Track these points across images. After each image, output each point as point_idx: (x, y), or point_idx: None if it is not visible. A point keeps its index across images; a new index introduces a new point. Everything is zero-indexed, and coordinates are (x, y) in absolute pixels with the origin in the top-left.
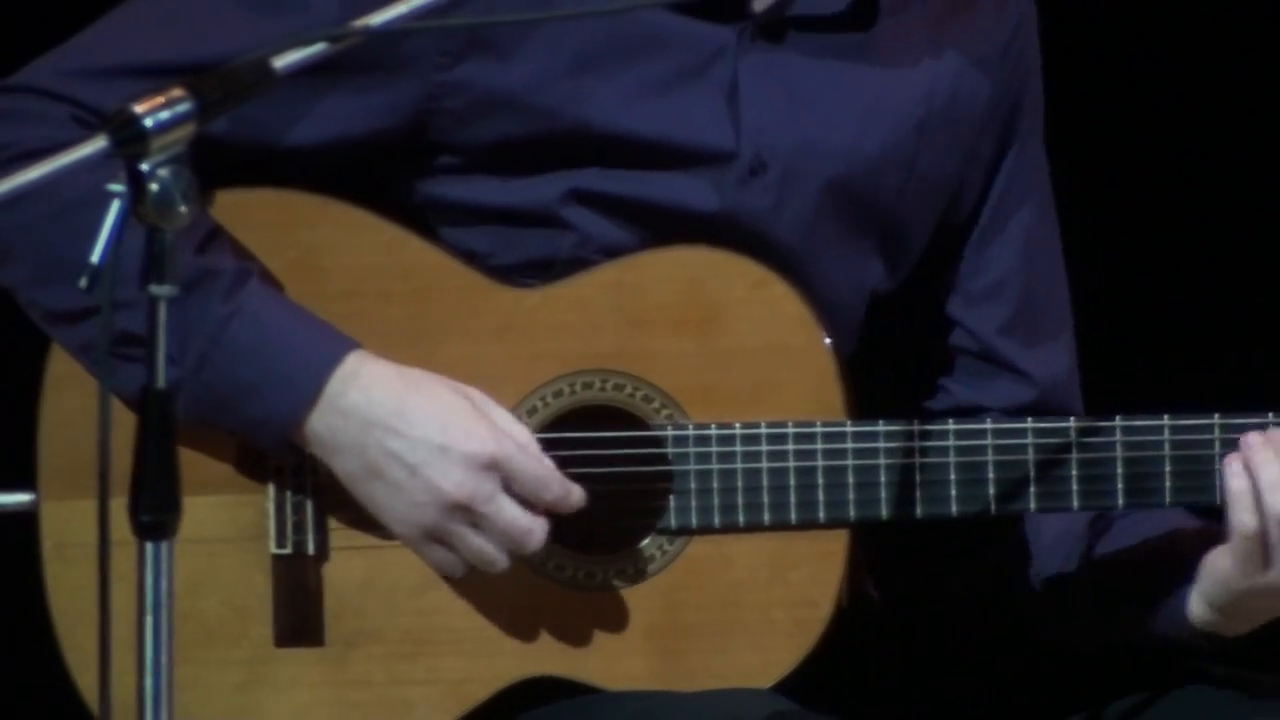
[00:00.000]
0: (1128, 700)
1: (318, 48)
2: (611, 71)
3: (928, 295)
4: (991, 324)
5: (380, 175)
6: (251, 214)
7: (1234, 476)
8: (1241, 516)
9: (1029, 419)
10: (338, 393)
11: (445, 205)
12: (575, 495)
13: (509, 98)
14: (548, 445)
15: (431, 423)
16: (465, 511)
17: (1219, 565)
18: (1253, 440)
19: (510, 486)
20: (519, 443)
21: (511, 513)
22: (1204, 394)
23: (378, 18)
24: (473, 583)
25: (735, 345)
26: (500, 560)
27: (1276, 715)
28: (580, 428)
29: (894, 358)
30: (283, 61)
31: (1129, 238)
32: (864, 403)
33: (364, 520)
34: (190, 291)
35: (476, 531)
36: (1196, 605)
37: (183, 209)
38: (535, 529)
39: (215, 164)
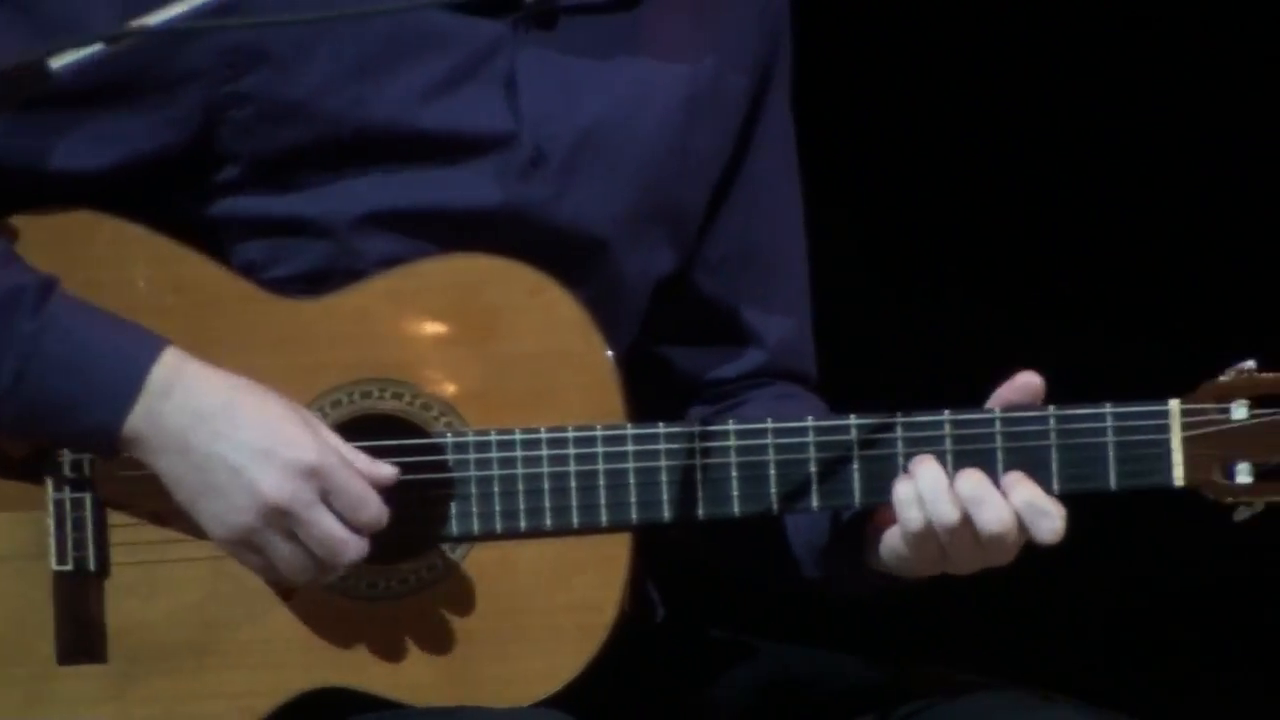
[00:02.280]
0: (914, 705)
1: (95, 48)
2: (393, 73)
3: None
4: (726, 290)
5: (159, 191)
6: (22, 235)
7: (900, 484)
8: (908, 514)
9: (809, 418)
10: (161, 391)
11: (225, 218)
12: (384, 517)
13: (295, 106)
14: None
15: (258, 426)
16: (282, 516)
17: (893, 546)
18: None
19: (329, 499)
20: (343, 457)
21: (328, 523)
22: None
23: (155, 18)
24: (256, 595)
25: (513, 351)
26: (310, 570)
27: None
28: (360, 438)
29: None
30: (59, 62)
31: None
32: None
33: (146, 535)
34: None
35: (291, 540)
36: (874, 560)
37: None
38: (350, 543)
39: None
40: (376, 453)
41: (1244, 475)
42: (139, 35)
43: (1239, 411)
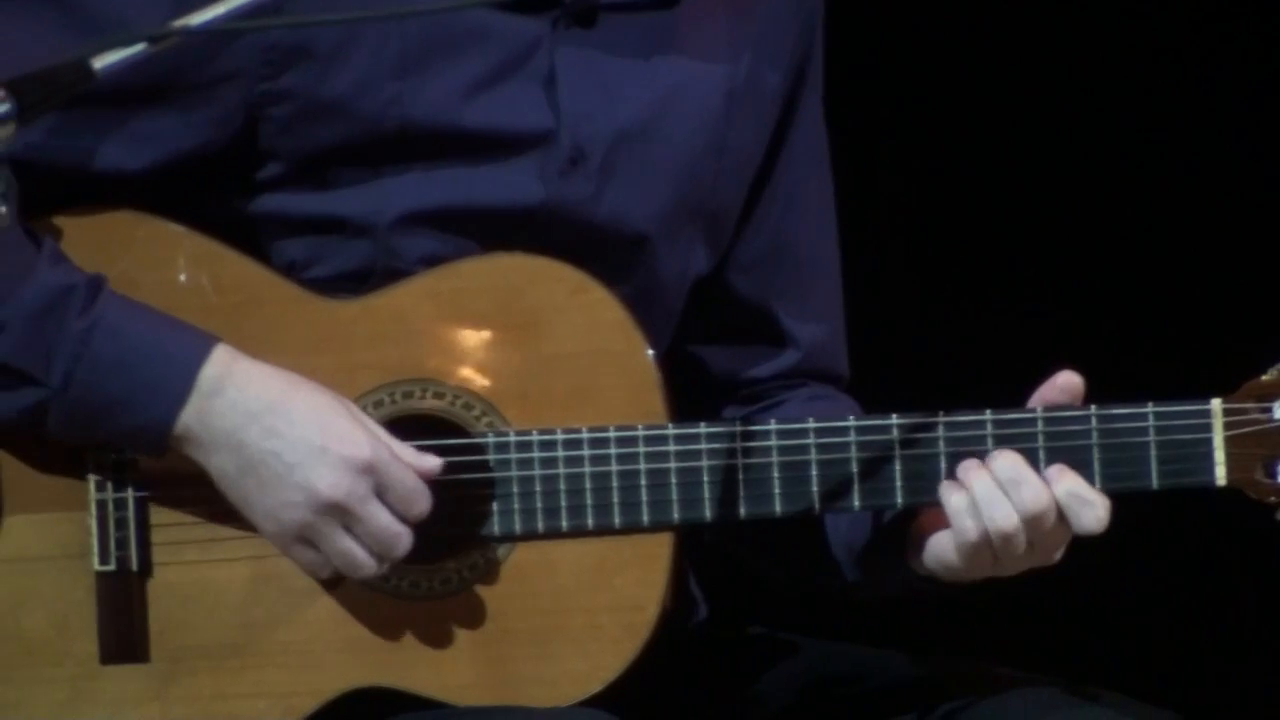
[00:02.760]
0: (955, 702)
1: (138, 48)
2: (433, 71)
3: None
4: (760, 289)
5: (199, 190)
6: (64, 235)
7: (952, 493)
8: (965, 524)
9: (850, 418)
10: (212, 390)
11: (265, 217)
12: (429, 507)
13: (334, 104)
14: None
15: (311, 423)
16: (338, 513)
17: (939, 552)
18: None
19: (383, 494)
20: (393, 452)
21: (384, 517)
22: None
23: (196, 19)
24: (298, 595)
25: (555, 351)
26: (368, 565)
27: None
28: (402, 438)
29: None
30: (102, 62)
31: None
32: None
33: (188, 535)
34: (48, 310)
35: (347, 534)
36: (917, 564)
37: (2, 209)
38: (404, 536)
39: (32, 192)
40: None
41: None
42: (182, 35)
43: None
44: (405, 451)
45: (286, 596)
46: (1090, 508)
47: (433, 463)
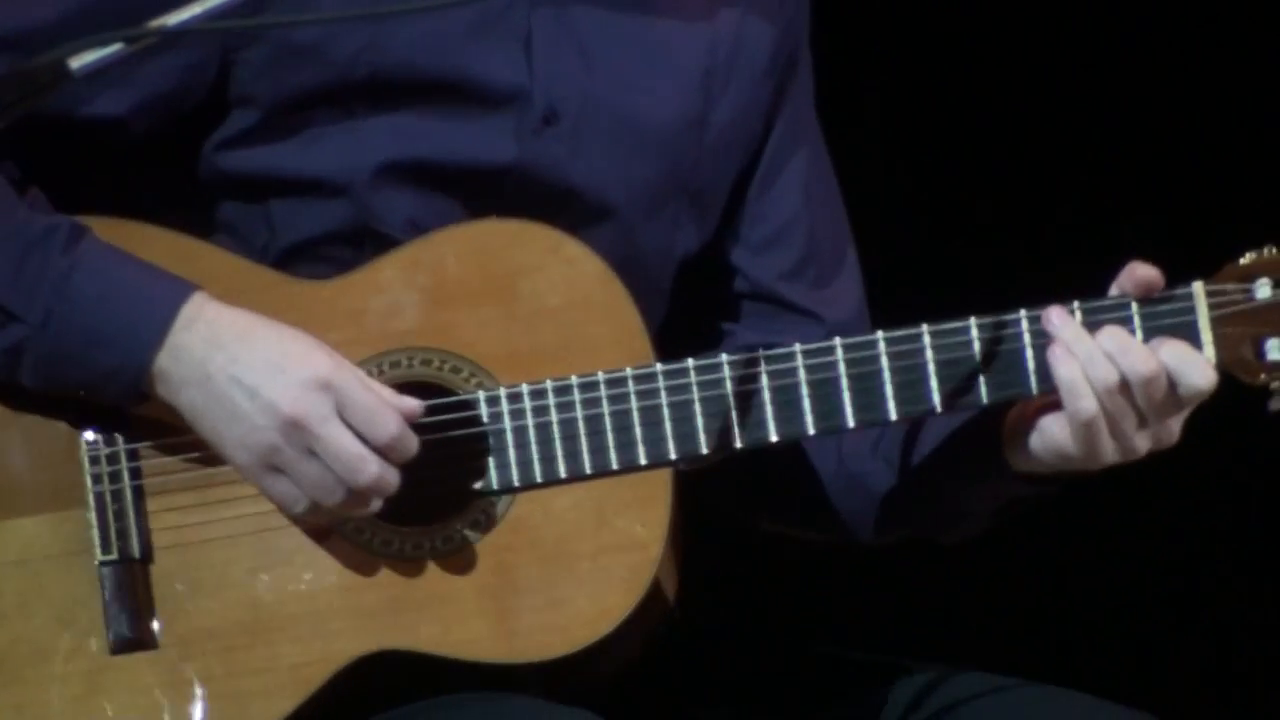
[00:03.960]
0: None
1: (114, 48)
2: (406, 20)
3: (711, 246)
4: (775, 270)
5: (180, 146)
6: None
7: (1060, 363)
8: (1079, 404)
9: (836, 338)
10: (184, 327)
11: (244, 176)
12: (409, 442)
13: (307, 48)
14: None
15: (271, 347)
16: (299, 431)
17: (1054, 432)
18: (1055, 318)
19: (344, 414)
20: (361, 378)
21: (345, 438)
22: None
23: (176, 17)
24: (302, 567)
25: (538, 307)
26: (337, 492)
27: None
28: None
29: (682, 309)
30: (79, 61)
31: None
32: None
33: (187, 519)
34: (31, 247)
35: (311, 457)
36: (1017, 458)
37: None
38: (369, 461)
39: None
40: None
41: (1275, 352)
42: (158, 35)
43: (1263, 290)
44: (383, 390)
45: (290, 570)
46: (1197, 366)
47: (411, 403)
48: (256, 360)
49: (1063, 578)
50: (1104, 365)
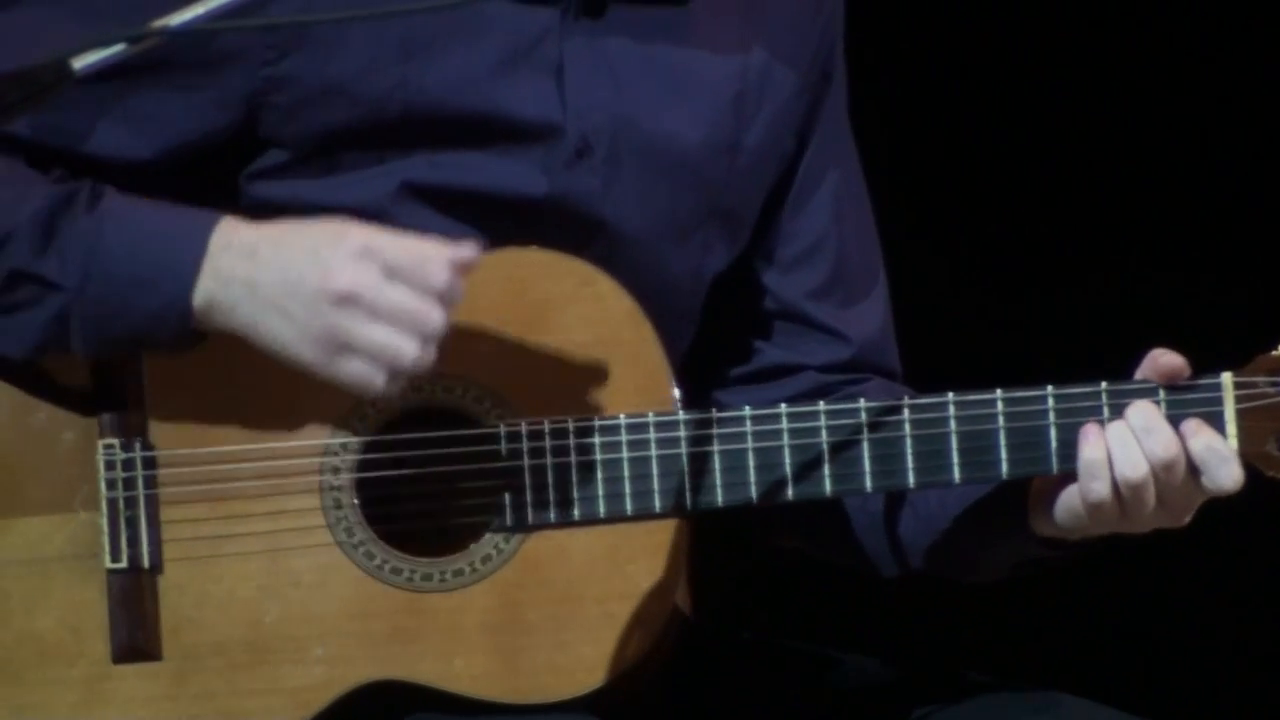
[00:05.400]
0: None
1: (117, 48)
2: (439, 56)
3: (739, 264)
4: (804, 289)
5: (204, 183)
6: None
7: (1089, 446)
8: (1092, 484)
9: (861, 400)
10: (220, 251)
11: (273, 205)
12: (458, 285)
13: (337, 89)
14: (379, 448)
15: (303, 239)
16: (356, 302)
17: (1073, 504)
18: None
19: (394, 275)
20: (393, 235)
21: (399, 293)
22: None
23: (179, 17)
24: (311, 590)
25: (564, 342)
26: (408, 346)
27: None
28: (413, 431)
29: (706, 325)
30: (81, 62)
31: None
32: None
33: (199, 531)
34: (55, 214)
35: (376, 321)
36: (1040, 522)
37: None
38: (432, 310)
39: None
40: (429, 445)
41: None
42: (161, 35)
43: None
44: (424, 244)
45: (298, 592)
46: (1226, 464)
47: (467, 251)
48: (295, 254)
49: (1066, 581)
50: (1130, 447)
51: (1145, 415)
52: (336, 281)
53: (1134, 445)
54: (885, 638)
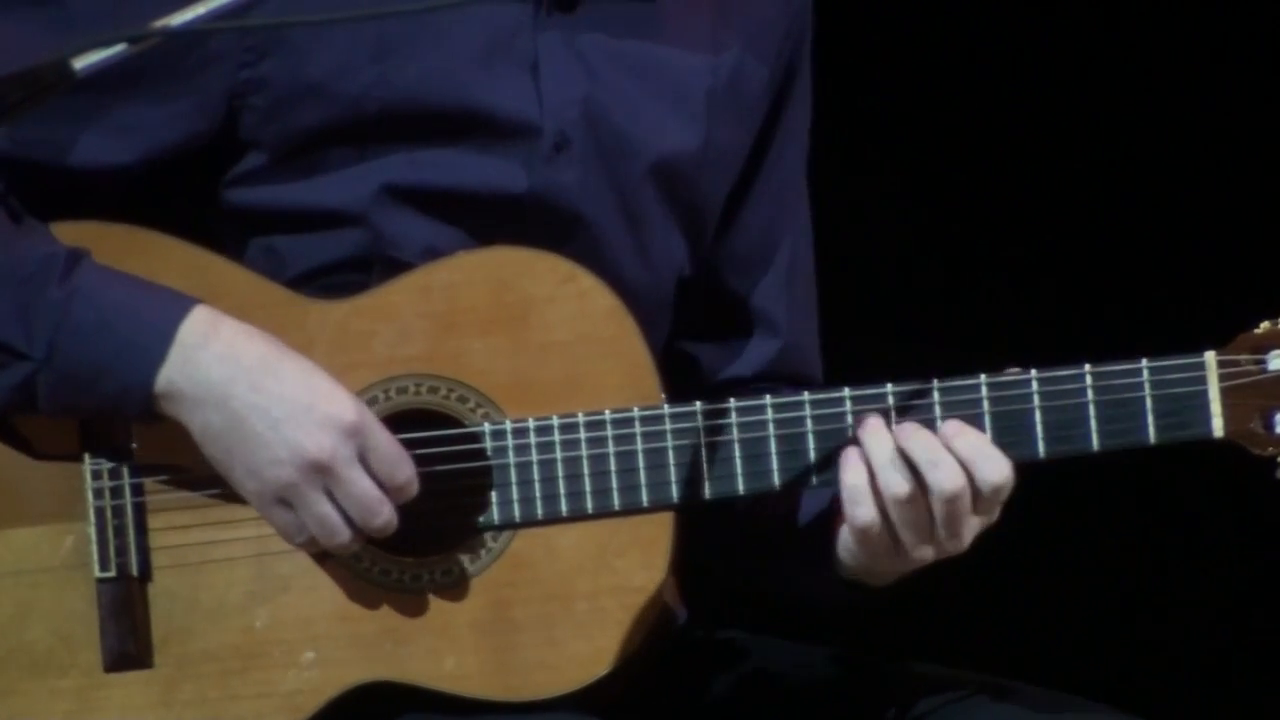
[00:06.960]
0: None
1: (118, 48)
2: (415, 53)
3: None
4: (748, 284)
5: (183, 187)
6: None
7: (848, 470)
8: (857, 510)
9: (845, 389)
10: (196, 344)
11: (253, 211)
12: (414, 486)
13: (316, 89)
14: None
15: (299, 381)
16: (322, 473)
17: (847, 545)
18: (870, 425)
19: (366, 459)
20: (376, 419)
21: (365, 483)
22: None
23: (177, 18)
24: (300, 594)
25: (547, 340)
26: (344, 533)
27: None
28: (397, 433)
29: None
30: (82, 61)
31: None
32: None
33: (187, 539)
34: (27, 281)
35: (328, 498)
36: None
37: None
38: (384, 504)
39: (25, 193)
40: (415, 444)
41: None
42: (162, 35)
43: (1275, 362)
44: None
45: (288, 596)
46: (991, 461)
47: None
48: (285, 394)
49: (1064, 581)
50: (896, 475)
51: (929, 448)
52: (314, 450)
53: (902, 478)
54: (876, 634)
